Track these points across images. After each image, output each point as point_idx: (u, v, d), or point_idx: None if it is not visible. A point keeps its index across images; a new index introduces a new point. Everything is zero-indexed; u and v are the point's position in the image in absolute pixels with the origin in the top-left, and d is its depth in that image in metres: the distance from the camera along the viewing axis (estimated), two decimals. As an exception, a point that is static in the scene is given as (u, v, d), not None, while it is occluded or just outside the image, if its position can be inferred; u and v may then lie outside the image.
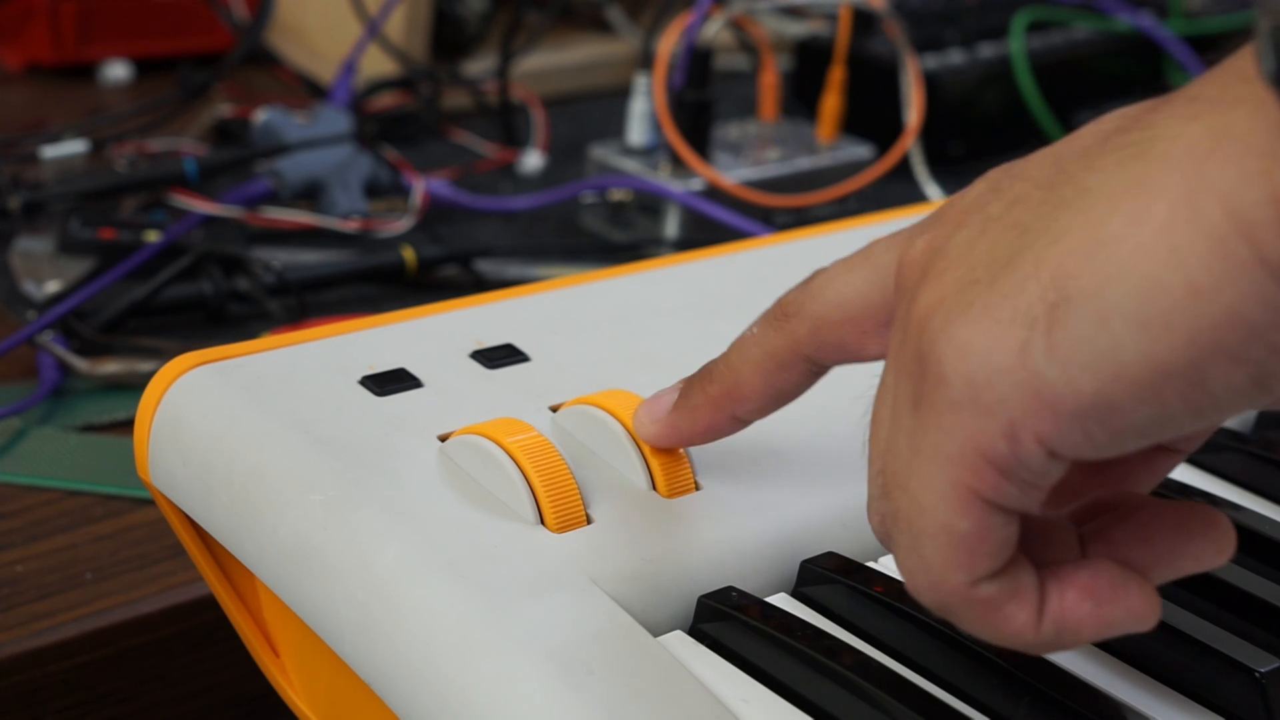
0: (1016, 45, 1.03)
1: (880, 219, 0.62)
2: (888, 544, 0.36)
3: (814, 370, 0.41)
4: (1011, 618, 0.35)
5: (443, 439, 0.46)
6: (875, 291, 0.39)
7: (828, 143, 0.95)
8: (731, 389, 0.42)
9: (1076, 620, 0.35)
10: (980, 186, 0.36)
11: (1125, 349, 0.31)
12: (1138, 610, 0.36)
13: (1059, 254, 0.32)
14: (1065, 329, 0.31)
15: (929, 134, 0.96)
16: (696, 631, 0.42)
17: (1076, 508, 0.39)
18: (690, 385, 0.43)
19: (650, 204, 0.89)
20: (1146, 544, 0.37)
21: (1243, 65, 0.31)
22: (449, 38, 1.09)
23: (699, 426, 0.43)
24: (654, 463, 0.45)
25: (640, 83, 0.90)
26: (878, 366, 0.38)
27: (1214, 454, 0.52)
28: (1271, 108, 0.30)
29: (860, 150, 0.95)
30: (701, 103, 0.88)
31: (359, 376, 0.48)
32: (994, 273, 0.33)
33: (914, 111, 0.92)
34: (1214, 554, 0.37)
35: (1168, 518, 0.37)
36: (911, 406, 0.34)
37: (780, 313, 0.41)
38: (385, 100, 1.05)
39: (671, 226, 0.89)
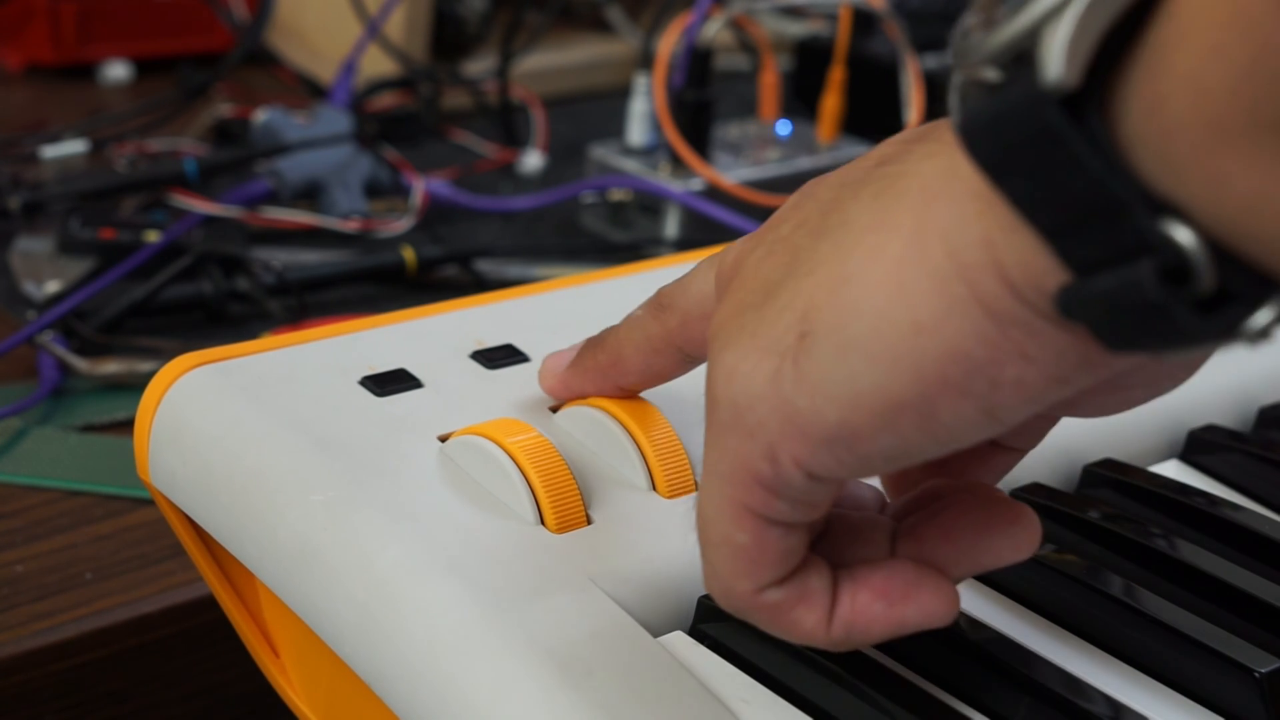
0: (1016, 45, 1.03)
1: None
2: None
3: (687, 359, 0.43)
4: (800, 621, 0.36)
5: (443, 439, 0.46)
6: None
7: (828, 143, 0.95)
8: (616, 362, 0.44)
9: (867, 621, 0.36)
10: (792, 199, 0.37)
11: (861, 380, 0.32)
12: (930, 609, 0.36)
13: (811, 286, 0.33)
14: (811, 359, 0.32)
15: (929, 134, 0.96)
16: (697, 631, 0.42)
17: (910, 498, 0.39)
18: (585, 348, 0.46)
19: (650, 204, 0.89)
20: (950, 541, 0.37)
21: None
22: (449, 38, 1.09)
23: (588, 388, 0.46)
24: (654, 463, 0.45)
25: (640, 83, 0.90)
26: None
27: (1213, 454, 0.52)
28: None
29: (860, 150, 0.95)
30: (701, 103, 0.88)
31: (359, 377, 0.48)
32: (764, 299, 0.34)
33: (914, 111, 0.93)
34: (1012, 551, 0.38)
35: (973, 514, 0.38)
36: (708, 418, 0.36)
37: (657, 303, 0.43)
38: (385, 100, 1.05)
39: (671, 226, 0.89)
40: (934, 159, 0.32)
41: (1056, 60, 0.28)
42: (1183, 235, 0.28)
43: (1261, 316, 0.28)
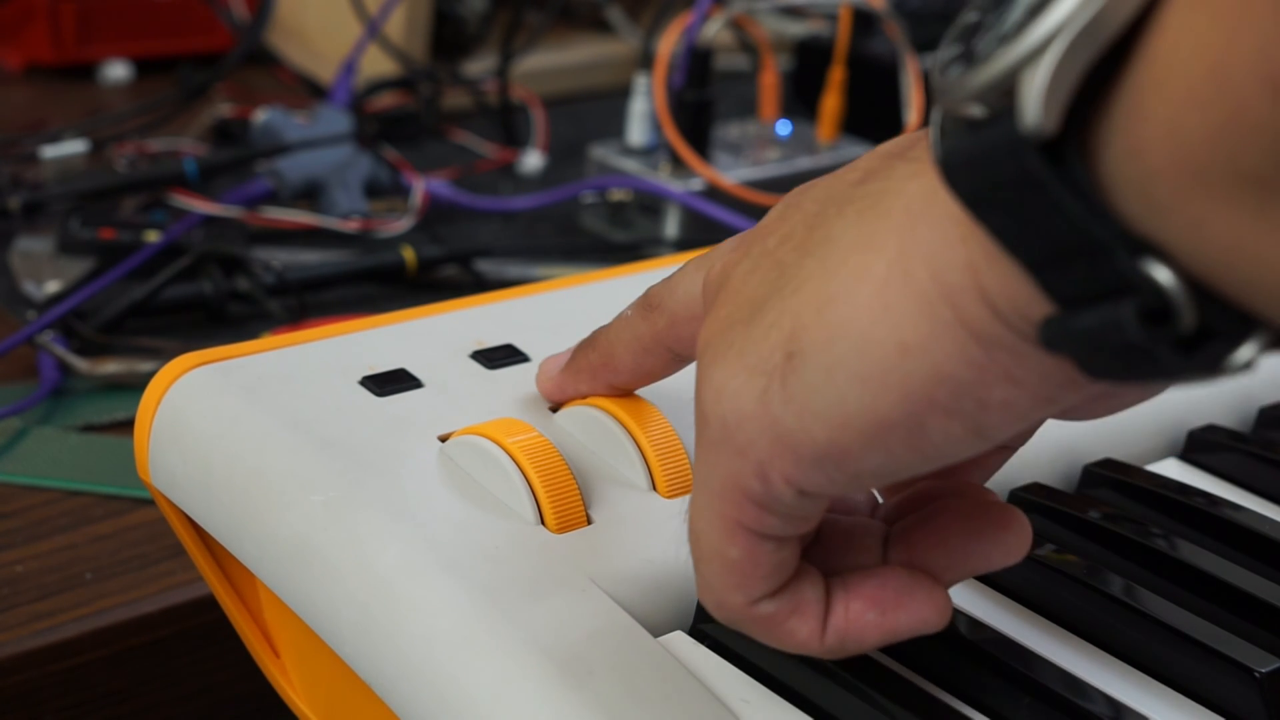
0: (1016, 45, 1.03)
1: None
2: None
3: (677, 358, 0.43)
4: (795, 631, 0.36)
5: (443, 439, 0.46)
6: None
7: (828, 143, 0.95)
8: (607, 361, 0.45)
9: (860, 630, 0.37)
10: (776, 209, 0.37)
11: (849, 401, 0.32)
12: (922, 616, 0.37)
13: (797, 304, 0.33)
14: (798, 379, 0.33)
15: (929, 134, 0.96)
16: (697, 631, 0.42)
17: (901, 500, 0.40)
18: (578, 349, 0.46)
19: (650, 204, 0.89)
20: (941, 547, 0.38)
21: None
22: (449, 38, 1.09)
23: (581, 389, 0.46)
24: (654, 463, 0.45)
25: (640, 83, 0.90)
26: None
27: (1214, 454, 0.52)
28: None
29: (860, 150, 0.95)
30: (701, 103, 0.88)
31: (359, 377, 0.48)
32: (751, 315, 0.34)
33: (914, 111, 0.93)
34: (1002, 555, 0.38)
35: (964, 519, 0.38)
36: (698, 433, 0.36)
37: (646, 303, 0.43)
38: (385, 100, 1.05)
39: (671, 226, 0.89)
40: (917, 179, 0.32)
41: (1035, 106, 0.27)
42: (1163, 275, 0.27)
43: (1244, 353, 0.28)
